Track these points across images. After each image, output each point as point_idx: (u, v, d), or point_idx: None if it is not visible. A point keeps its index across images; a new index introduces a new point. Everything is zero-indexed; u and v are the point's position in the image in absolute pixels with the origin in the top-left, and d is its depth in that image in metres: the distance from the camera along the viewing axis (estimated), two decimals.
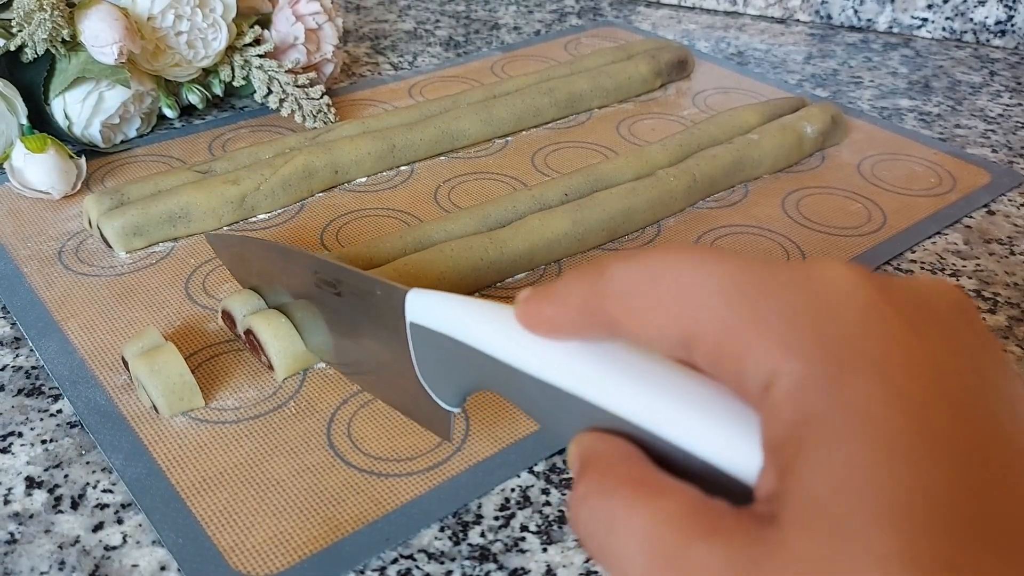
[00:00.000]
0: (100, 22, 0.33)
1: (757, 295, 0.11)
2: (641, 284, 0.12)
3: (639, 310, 0.12)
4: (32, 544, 0.20)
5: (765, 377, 0.11)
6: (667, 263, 0.12)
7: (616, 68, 0.42)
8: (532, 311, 0.14)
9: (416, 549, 0.20)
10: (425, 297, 0.18)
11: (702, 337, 0.12)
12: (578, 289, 0.13)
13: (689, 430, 0.12)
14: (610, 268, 0.13)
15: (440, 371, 0.18)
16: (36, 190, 0.33)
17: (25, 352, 0.26)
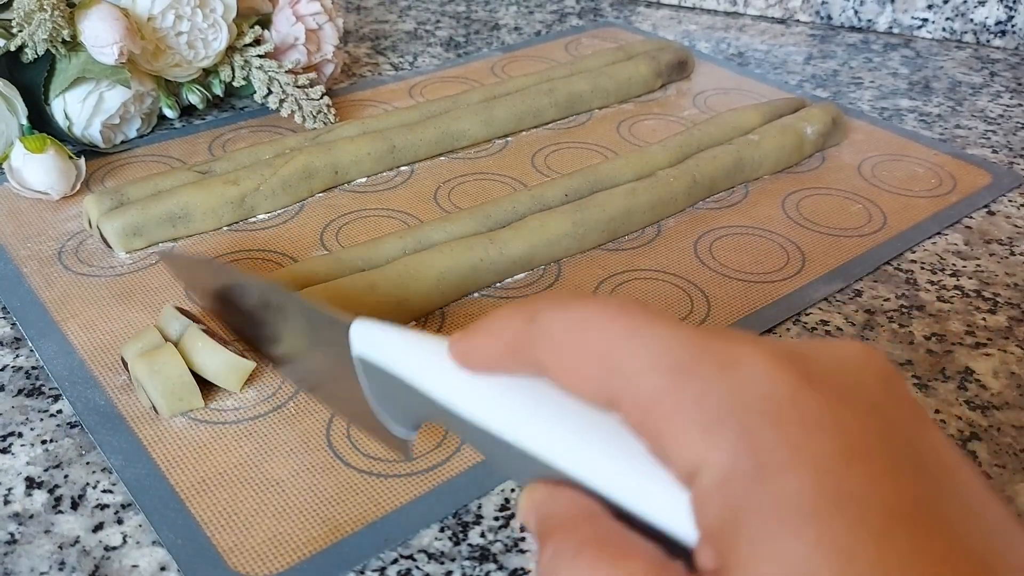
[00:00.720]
0: (100, 22, 0.33)
1: (684, 380, 0.11)
2: (571, 337, 0.12)
3: (567, 362, 0.12)
4: (32, 544, 0.20)
5: (690, 466, 0.11)
6: (598, 321, 0.12)
7: (616, 69, 0.42)
8: (462, 344, 0.14)
9: (416, 549, 0.20)
10: (369, 330, 0.17)
11: (627, 407, 0.12)
12: (509, 325, 0.13)
13: (628, 490, 0.12)
14: (543, 313, 0.13)
15: (391, 402, 0.18)
16: (35, 190, 0.33)
17: (25, 352, 0.26)
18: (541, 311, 0.13)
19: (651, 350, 0.12)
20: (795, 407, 0.11)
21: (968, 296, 0.30)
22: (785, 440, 0.10)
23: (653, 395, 0.11)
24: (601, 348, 0.12)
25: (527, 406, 0.14)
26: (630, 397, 0.12)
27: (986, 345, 0.28)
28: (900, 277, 0.31)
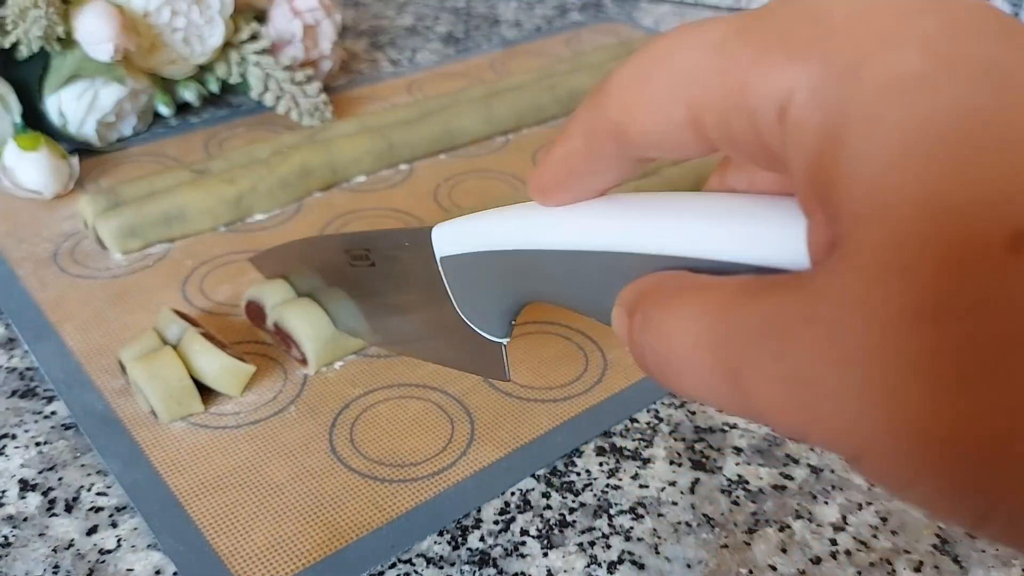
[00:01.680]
0: (95, 19, 0.33)
1: (760, 25, 0.10)
2: (639, 75, 0.11)
3: (641, 103, 0.11)
4: (26, 547, 0.20)
5: (779, 100, 0.09)
6: (661, 45, 0.11)
7: (618, 64, 0.42)
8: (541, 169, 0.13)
9: (415, 554, 0.20)
10: (448, 226, 0.17)
11: (708, 98, 0.10)
12: (580, 115, 0.12)
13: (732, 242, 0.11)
14: (608, 76, 0.12)
15: (480, 300, 0.17)
16: (28, 189, 0.33)
17: (19, 353, 0.26)
18: (606, 78, 0.12)
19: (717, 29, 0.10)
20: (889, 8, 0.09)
21: None
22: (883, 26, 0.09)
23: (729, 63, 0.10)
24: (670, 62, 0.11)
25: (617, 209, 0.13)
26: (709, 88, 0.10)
27: None
28: None
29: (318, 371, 0.25)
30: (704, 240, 0.12)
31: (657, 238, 0.12)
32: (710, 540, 0.20)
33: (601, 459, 0.23)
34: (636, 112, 0.11)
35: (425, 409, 0.24)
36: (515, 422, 0.23)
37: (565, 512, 0.21)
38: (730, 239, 0.11)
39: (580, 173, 0.13)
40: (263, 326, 0.26)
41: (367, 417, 0.24)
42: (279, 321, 0.25)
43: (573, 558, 0.20)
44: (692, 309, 0.10)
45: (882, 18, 0.09)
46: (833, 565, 0.20)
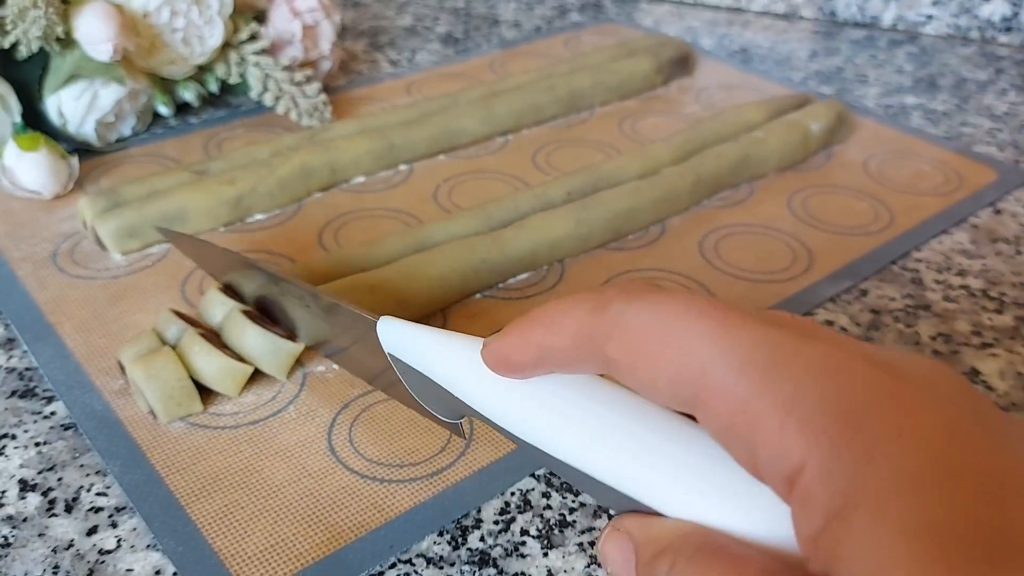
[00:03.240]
0: (94, 19, 0.33)
1: (778, 380, 0.11)
2: (651, 331, 0.12)
3: (646, 358, 0.12)
4: (26, 548, 0.20)
5: (789, 466, 0.11)
6: (682, 318, 0.12)
7: (618, 65, 0.42)
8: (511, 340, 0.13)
9: (415, 554, 0.20)
10: (395, 328, 0.17)
11: (713, 406, 0.11)
12: (575, 317, 0.13)
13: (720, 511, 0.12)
14: (615, 304, 0.12)
15: (430, 395, 0.17)
16: (27, 189, 0.33)
17: (18, 353, 0.26)
18: (613, 301, 0.12)
19: (742, 350, 0.11)
20: (893, 396, 0.11)
21: (974, 296, 0.30)
22: (889, 425, 0.10)
23: (744, 396, 0.11)
24: (685, 346, 0.11)
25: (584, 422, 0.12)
26: (717, 398, 0.11)
27: (993, 345, 0.27)
28: (906, 276, 0.31)
29: (316, 372, 0.25)
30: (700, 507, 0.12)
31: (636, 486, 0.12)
32: None
33: None
34: (638, 367, 0.12)
35: None
36: None
37: (565, 512, 0.21)
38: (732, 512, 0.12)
39: (554, 366, 0.13)
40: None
41: (366, 417, 0.24)
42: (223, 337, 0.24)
43: (573, 558, 0.20)
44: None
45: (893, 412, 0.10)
46: None
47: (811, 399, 0.11)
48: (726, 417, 0.11)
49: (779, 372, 0.11)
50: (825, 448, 0.10)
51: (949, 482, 0.10)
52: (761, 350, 0.11)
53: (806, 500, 0.10)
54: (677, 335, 0.12)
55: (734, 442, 0.11)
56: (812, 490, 0.10)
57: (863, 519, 0.10)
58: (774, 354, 0.11)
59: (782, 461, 0.11)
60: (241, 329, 0.24)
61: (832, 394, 0.11)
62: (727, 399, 0.11)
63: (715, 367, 0.11)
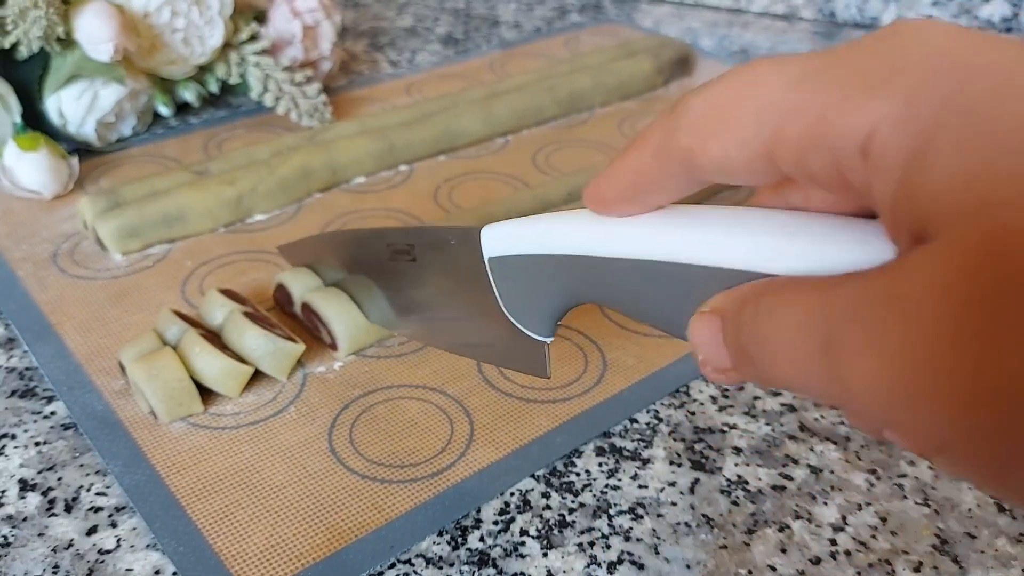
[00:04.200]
0: (95, 19, 0.33)
1: (838, 66, 0.11)
2: (716, 103, 0.12)
3: (715, 131, 0.12)
4: (26, 547, 0.20)
5: (862, 136, 0.10)
6: (741, 75, 0.12)
7: (618, 66, 0.42)
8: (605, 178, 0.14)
9: (414, 554, 0.20)
10: (500, 227, 0.18)
11: (785, 133, 0.11)
12: (650, 134, 0.13)
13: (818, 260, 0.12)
14: (683, 100, 0.12)
15: (527, 301, 0.18)
16: (28, 189, 0.33)
17: (18, 353, 0.26)
18: (680, 101, 0.12)
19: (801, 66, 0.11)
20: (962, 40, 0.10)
21: None
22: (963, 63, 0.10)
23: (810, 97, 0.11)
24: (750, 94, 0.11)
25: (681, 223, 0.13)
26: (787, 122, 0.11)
27: None
28: None
29: (316, 372, 0.25)
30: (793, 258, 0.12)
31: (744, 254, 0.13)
32: (709, 541, 0.20)
33: (600, 459, 0.23)
34: (710, 141, 0.12)
35: (424, 410, 0.24)
36: (514, 422, 0.23)
37: (565, 512, 0.21)
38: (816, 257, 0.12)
39: (646, 189, 0.13)
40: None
41: (366, 418, 0.24)
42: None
43: (573, 558, 0.20)
44: (799, 296, 0.11)
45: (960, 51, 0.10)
46: (832, 566, 0.20)
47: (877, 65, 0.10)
48: (798, 136, 0.11)
49: (840, 61, 0.11)
50: (894, 103, 0.10)
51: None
52: (819, 57, 0.11)
53: (881, 158, 0.10)
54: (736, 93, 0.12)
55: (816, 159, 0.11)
56: (887, 145, 0.10)
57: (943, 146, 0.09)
58: (830, 55, 0.11)
59: (855, 134, 0.10)
60: (241, 330, 0.24)
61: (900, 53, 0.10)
62: (796, 115, 0.11)
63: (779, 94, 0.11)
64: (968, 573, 0.20)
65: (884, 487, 0.22)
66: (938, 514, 0.21)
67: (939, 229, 0.09)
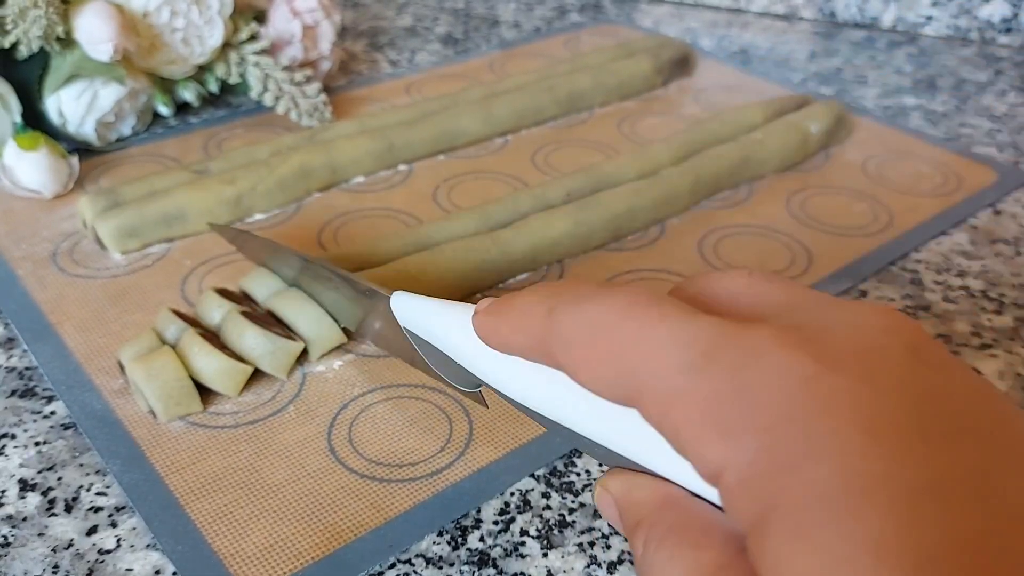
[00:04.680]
0: (95, 19, 0.33)
1: (697, 380, 0.11)
2: (586, 335, 0.12)
3: (584, 361, 0.12)
4: (25, 547, 0.20)
5: (713, 468, 0.11)
6: (611, 320, 0.12)
7: (618, 66, 0.42)
8: (488, 325, 0.14)
9: (414, 554, 0.20)
10: (406, 302, 0.18)
11: (646, 405, 0.12)
12: (531, 316, 0.13)
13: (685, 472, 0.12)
14: (558, 310, 0.13)
15: (447, 367, 0.18)
16: (28, 189, 0.33)
17: (18, 353, 0.26)
18: (557, 307, 0.13)
19: (663, 350, 0.11)
20: (811, 395, 0.10)
21: (974, 296, 0.30)
22: (803, 431, 0.10)
23: (668, 396, 0.11)
24: (614, 348, 0.12)
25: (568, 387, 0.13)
26: (648, 397, 0.12)
27: (992, 346, 0.27)
28: (905, 277, 0.31)
29: (315, 371, 0.25)
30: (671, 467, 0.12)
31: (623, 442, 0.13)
32: None
33: None
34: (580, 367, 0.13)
35: (423, 409, 0.24)
36: (514, 422, 0.23)
37: (565, 512, 0.21)
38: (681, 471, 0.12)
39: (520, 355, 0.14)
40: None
41: (365, 417, 0.24)
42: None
43: (573, 558, 0.20)
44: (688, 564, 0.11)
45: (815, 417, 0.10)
46: None
47: (726, 401, 0.11)
48: (657, 414, 0.11)
49: (698, 371, 0.11)
50: (743, 456, 0.10)
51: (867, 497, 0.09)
52: (684, 347, 0.11)
53: (731, 503, 0.11)
54: (606, 338, 0.12)
55: (668, 437, 0.12)
56: (734, 495, 0.10)
57: (778, 532, 0.10)
58: (694, 350, 0.11)
59: (707, 462, 0.11)
60: (240, 330, 0.24)
61: (746, 396, 0.11)
62: (655, 397, 0.11)
63: (641, 368, 0.11)
64: None
65: None
66: None
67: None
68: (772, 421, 0.10)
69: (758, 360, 0.11)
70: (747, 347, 0.11)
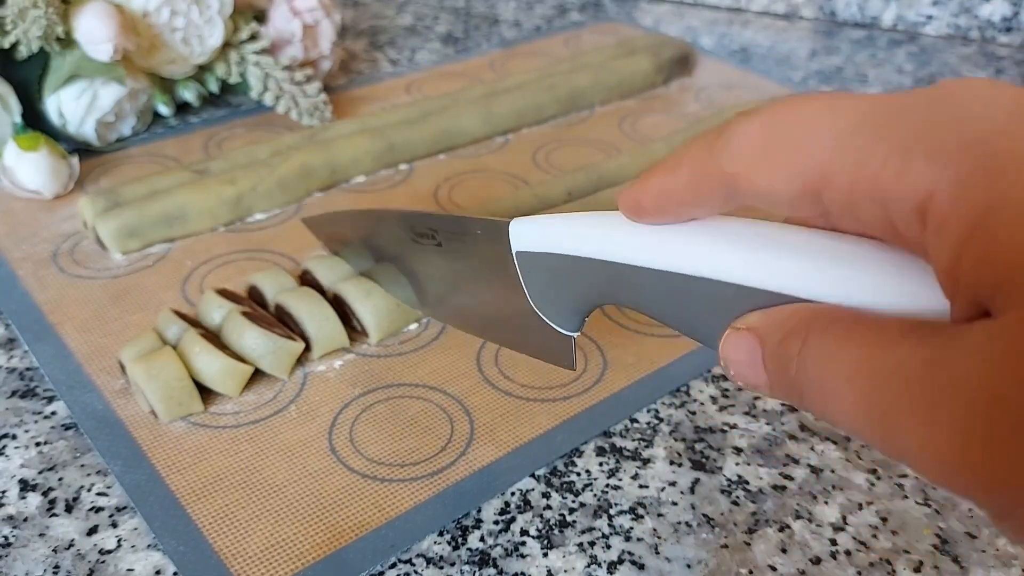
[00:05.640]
0: (94, 19, 0.33)
1: (895, 122, 0.11)
2: (767, 136, 0.12)
3: (764, 163, 0.12)
4: (27, 548, 0.20)
5: (919, 199, 0.10)
6: (794, 109, 0.12)
7: (618, 64, 0.42)
8: (639, 190, 0.14)
9: (415, 554, 0.20)
10: (529, 223, 0.17)
11: (836, 179, 0.11)
12: (691, 154, 0.13)
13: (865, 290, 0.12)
14: (731, 126, 0.12)
15: (554, 296, 0.17)
16: (28, 189, 0.33)
17: (19, 353, 0.26)
18: (728, 126, 0.12)
19: (856, 112, 0.11)
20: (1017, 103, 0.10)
21: None
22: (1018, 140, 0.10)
23: (866, 151, 0.11)
24: (799, 132, 0.11)
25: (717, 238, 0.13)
26: (839, 168, 0.11)
27: None
28: None
29: (316, 371, 0.25)
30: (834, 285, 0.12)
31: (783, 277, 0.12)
32: (710, 540, 0.20)
33: (601, 459, 0.23)
34: (756, 171, 0.12)
35: (424, 409, 0.24)
36: (514, 422, 0.23)
37: (565, 512, 0.21)
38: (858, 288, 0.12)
39: (683, 203, 0.13)
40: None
41: (366, 417, 0.24)
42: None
43: (573, 558, 0.20)
44: (853, 342, 0.11)
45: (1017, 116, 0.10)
46: (833, 565, 0.20)
47: (935, 130, 0.10)
48: (850, 182, 0.11)
49: (897, 117, 0.11)
50: (956, 169, 0.10)
51: None
52: (874, 108, 0.11)
53: (942, 224, 0.10)
54: (791, 126, 0.12)
55: (864, 205, 0.11)
56: (947, 211, 0.10)
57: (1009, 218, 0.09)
58: (889, 104, 0.11)
59: (913, 196, 0.10)
60: (241, 330, 0.24)
61: (957, 119, 0.10)
62: (849, 163, 0.11)
63: (831, 139, 0.11)
64: (969, 573, 0.20)
65: (885, 487, 0.22)
66: (939, 514, 0.21)
67: (1003, 306, 0.09)
68: (988, 134, 0.10)
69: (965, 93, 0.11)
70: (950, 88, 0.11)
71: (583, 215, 0.16)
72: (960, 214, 0.10)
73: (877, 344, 0.10)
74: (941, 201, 0.10)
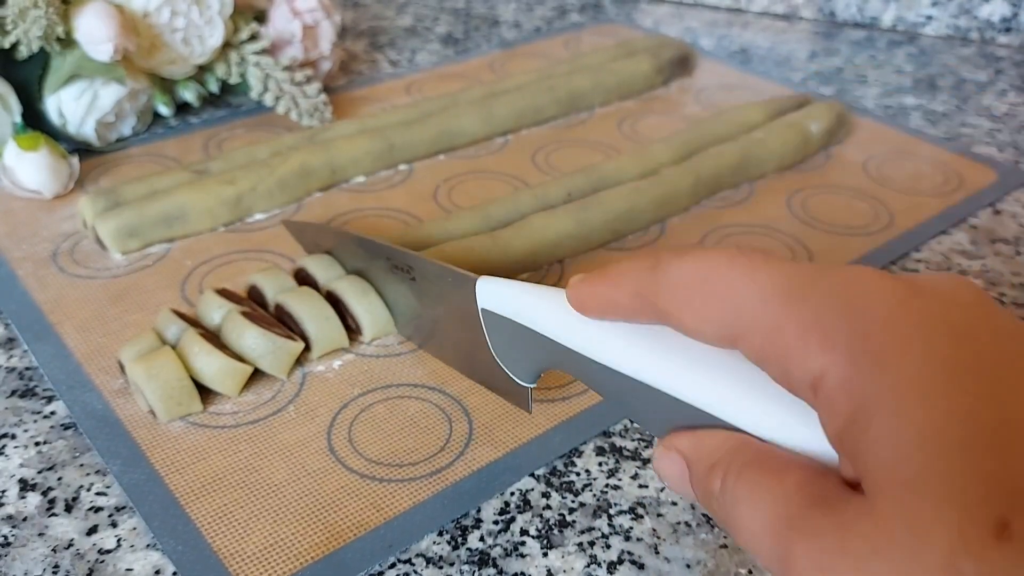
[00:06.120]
0: (95, 19, 0.33)
1: (801, 303, 0.12)
2: (694, 282, 0.14)
3: (690, 305, 0.14)
4: (26, 547, 0.20)
5: (812, 376, 0.12)
6: (719, 265, 0.13)
7: (618, 65, 0.42)
8: (585, 292, 0.16)
9: (414, 554, 0.20)
10: (495, 285, 0.19)
11: (749, 337, 0.13)
12: (633, 275, 0.15)
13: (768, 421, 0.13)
14: (664, 262, 0.14)
15: (514, 353, 0.19)
16: (28, 189, 0.33)
17: (18, 353, 0.26)
18: (663, 260, 0.14)
19: (769, 283, 0.13)
20: (905, 309, 0.12)
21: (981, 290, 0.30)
22: (898, 335, 0.11)
23: (774, 322, 0.13)
24: (723, 290, 0.13)
25: (654, 348, 0.15)
26: (752, 329, 0.13)
27: None
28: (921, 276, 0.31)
29: (315, 371, 0.25)
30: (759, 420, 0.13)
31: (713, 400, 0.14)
32: (709, 540, 0.20)
33: (600, 459, 0.23)
34: (684, 314, 0.14)
35: (423, 409, 0.24)
36: (513, 422, 0.23)
37: (565, 512, 0.21)
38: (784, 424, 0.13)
39: (622, 315, 0.15)
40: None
41: (365, 417, 0.24)
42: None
43: (573, 558, 0.20)
44: (768, 495, 0.12)
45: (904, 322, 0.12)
46: None
47: (828, 317, 0.12)
48: (760, 345, 0.13)
49: (802, 296, 0.13)
50: (842, 359, 0.12)
51: (954, 383, 0.11)
52: (788, 280, 0.13)
53: (829, 405, 0.12)
54: (716, 281, 0.13)
55: (770, 366, 0.13)
56: (832, 396, 0.12)
57: (877, 419, 0.11)
58: (798, 281, 0.13)
59: (807, 373, 0.12)
60: (240, 330, 0.24)
61: (847, 311, 0.12)
62: (760, 328, 0.13)
63: (747, 303, 0.13)
64: None
65: None
66: None
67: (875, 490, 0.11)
68: (870, 329, 0.12)
69: (857, 286, 0.12)
70: (846, 277, 0.13)
71: (545, 290, 0.17)
72: (842, 401, 0.12)
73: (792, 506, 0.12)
74: (830, 385, 0.12)
